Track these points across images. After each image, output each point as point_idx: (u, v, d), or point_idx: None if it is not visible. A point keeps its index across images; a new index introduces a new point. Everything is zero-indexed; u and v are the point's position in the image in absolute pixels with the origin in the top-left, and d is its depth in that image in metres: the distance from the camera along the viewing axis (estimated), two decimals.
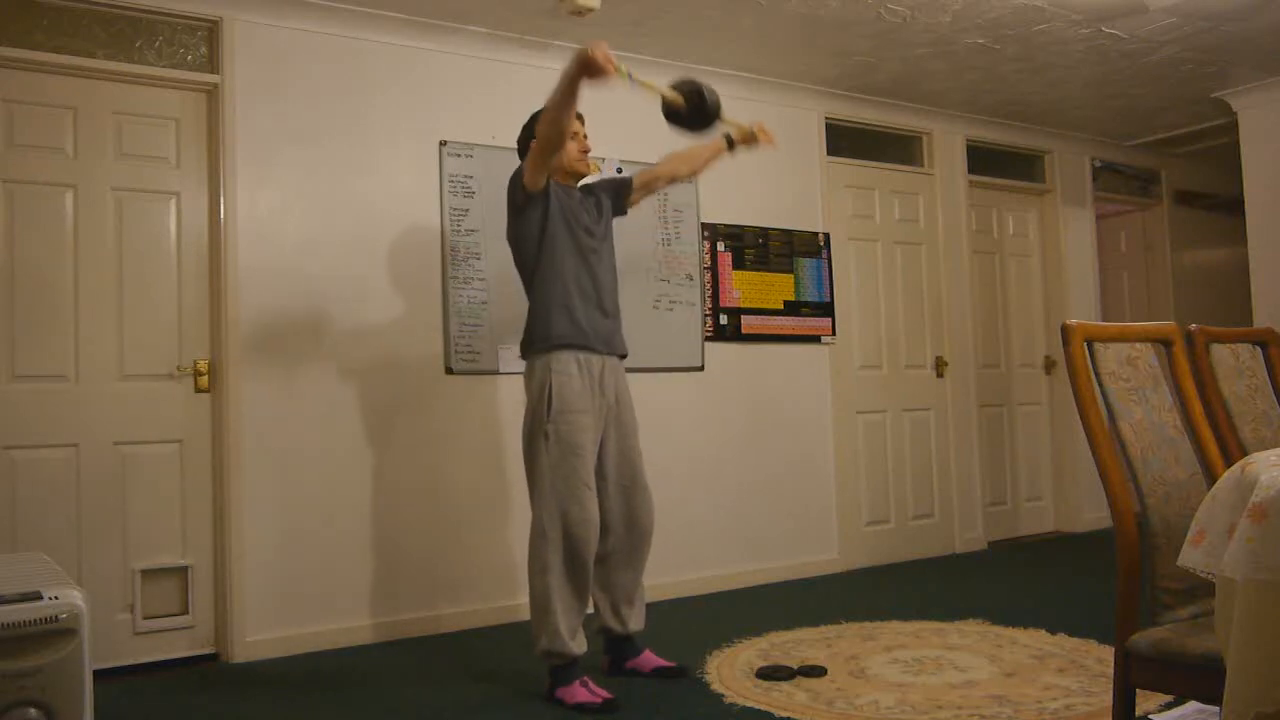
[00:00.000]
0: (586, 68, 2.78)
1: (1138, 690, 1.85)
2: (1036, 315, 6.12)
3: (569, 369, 3.00)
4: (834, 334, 5.05)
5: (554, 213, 3.06)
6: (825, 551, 4.94)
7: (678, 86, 3.10)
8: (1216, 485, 1.56)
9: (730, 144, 3.41)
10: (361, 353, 3.84)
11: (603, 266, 3.16)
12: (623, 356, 3.20)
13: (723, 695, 2.93)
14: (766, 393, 4.81)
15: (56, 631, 2.01)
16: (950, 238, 5.58)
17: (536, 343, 3.05)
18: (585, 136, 3.21)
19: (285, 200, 3.75)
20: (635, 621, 3.19)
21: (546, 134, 2.93)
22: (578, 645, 2.94)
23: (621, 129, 4.18)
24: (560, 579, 2.93)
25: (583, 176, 3.24)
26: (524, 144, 3.15)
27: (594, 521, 2.96)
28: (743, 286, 4.78)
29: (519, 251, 3.14)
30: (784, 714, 2.72)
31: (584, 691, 2.88)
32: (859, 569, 5.00)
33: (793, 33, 4.30)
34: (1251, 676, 1.36)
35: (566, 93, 2.85)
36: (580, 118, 3.18)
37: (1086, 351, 1.96)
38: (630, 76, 2.89)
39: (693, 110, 3.08)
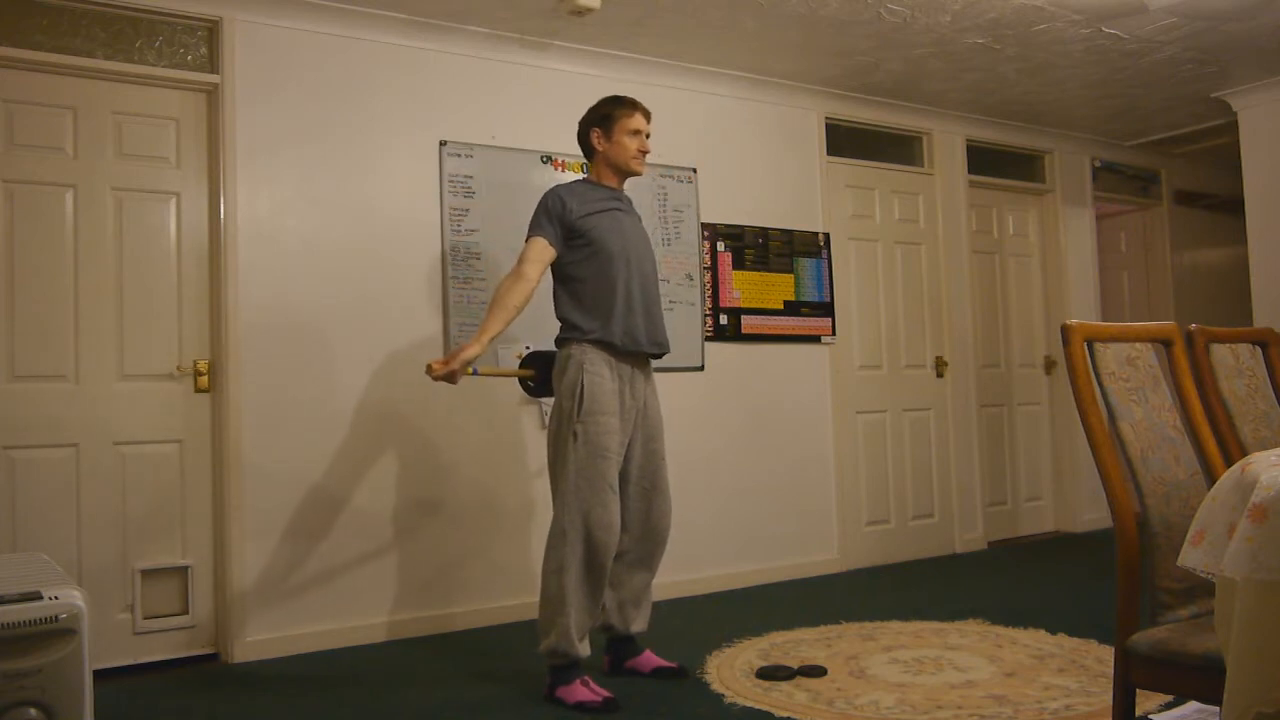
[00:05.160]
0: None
1: (1138, 690, 1.86)
2: (1036, 315, 6.12)
3: (601, 370, 2.99)
4: (834, 334, 5.05)
5: (578, 226, 3.04)
6: (825, 551, 4.94)
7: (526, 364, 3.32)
8: (1216, 485, 1.56)
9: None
10: (361, 352, 3.85)
11: (635, 264, 3.10)
12: (658, 355, 3.16)
13: (723, 695, 2.93)
14: (766, 393, 4.81)
15: (56, 631, 2.01)
16: (950, 238, 5.58)
17: (571, 332, 3.05)
18: (648, 136, 3.16)
19: (285, 200, 3.75)
20: (639, 623, 3.18)
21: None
22: (584, 647, 2.94)
23: None
24: (576, 580, 2.92)
25: (633, 176, 3.20)
26: (583, 138, 3.18)
27: (615, 526, 2.95)
28: (743, 286, 4.78)
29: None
30: (784, 714, 2.72)
31: (584, 690, 2.87)
32: (859, 569, 5.00)
33: (793, 33, 4.30)
34: (1251, 676, 1.36)
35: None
36: (647, 115, 3.16)
37: (1086, 351, 1.96)
38: (475, 372, 3.14)
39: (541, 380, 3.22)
